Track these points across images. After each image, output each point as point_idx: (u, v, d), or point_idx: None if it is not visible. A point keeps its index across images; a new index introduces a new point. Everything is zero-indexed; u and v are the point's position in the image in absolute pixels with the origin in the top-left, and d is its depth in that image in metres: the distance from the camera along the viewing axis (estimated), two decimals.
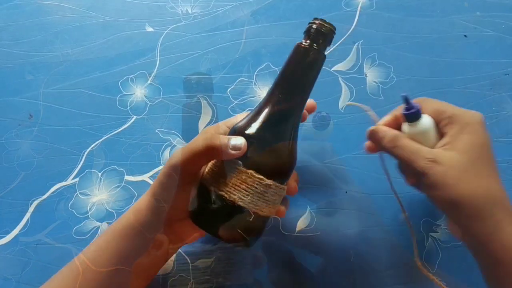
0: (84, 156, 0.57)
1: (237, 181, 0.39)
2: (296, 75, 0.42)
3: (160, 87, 0.62)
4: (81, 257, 0.42)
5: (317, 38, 0.41)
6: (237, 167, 0.39)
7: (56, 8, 0.66)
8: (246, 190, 0.39)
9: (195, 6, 0.67)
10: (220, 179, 0.39)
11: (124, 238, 0.41)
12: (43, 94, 0.61)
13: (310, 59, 0.41)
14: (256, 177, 0.39)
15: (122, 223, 0.42)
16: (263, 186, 0.40)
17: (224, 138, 0.39)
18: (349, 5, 0.67)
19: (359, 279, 0.52)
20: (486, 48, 0.64)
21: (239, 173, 0.39)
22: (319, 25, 0.41)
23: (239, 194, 0.39)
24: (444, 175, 0.37)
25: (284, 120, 0.41)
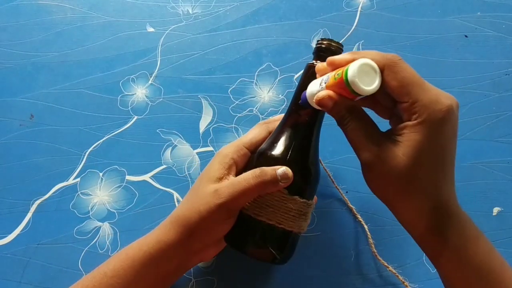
0: (86, 156, 0.58)
1: (286, 209, 0.40)
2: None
3: (161, 87, 0.62)
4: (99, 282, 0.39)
5: (323, 57, 0.42)
6: (283, 196, 0.40)
7: (56, 8, 0.66)
8: (295, 216, 0.40)
9: (196, 6, 0.67)
10: (267, 209, 0.40)
11: (144, 268, 0.39)
12: (44, 94, 0.61)
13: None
14: (301, 202, 0.41)
15: (143, 251, 0.39)
16: (307, 207, 0.42)
17: (272, 171, 0.38)
18: (349, 6, 0.67)
19: (359, 279, 0.52)
20: (486, 48, 0.64)
21: (286, 201, 0.40)
22: (328, 45, 0.43)
23: (289, 222, 0.40)
24: (383, 177, 0.32)
25: (311, 140, 0.43)
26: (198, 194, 0.40)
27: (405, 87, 0.32)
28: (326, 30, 0.65)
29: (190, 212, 0.39)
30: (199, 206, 0.39)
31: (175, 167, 0.57)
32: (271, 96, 0.61)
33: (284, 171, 0.38)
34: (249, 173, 0.39)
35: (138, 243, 0.41)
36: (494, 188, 0.56)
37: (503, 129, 0.59)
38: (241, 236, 0.41)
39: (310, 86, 0.39)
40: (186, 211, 0.40)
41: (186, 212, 0.40)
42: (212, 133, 0.59)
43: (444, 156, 0.32)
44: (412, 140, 0.31)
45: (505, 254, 0.53)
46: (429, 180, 0.32)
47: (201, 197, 0.39)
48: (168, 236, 0.39)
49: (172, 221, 0.41)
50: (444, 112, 0.31)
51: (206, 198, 0.39)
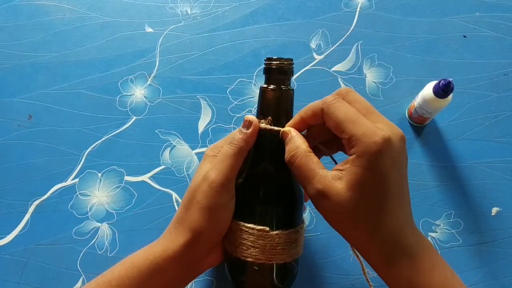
0: (84, 157, 0.57)
1: (271, 246, 0.38)
2: (273, 115, 0.40)
3: (160, 87, 0.62)
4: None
5: (276, 78, 0.40)
6: (265, 234, 0.38)
7: (55, 9, 0.66)
8: (284, 248, 0.39)
9: (195, 6, 0.67)
10: (253, 249, 0.38)
11: (150, 277, 0.38)
12: (42, 94, 0.61)
13: (277, 99, 0.40)
14: (286, 233, 0.39)
15: (149, 259, 0.38)
16: (295, 235, 0.40)
17: (238, 131, 0.39)
18: (348, 6, 0.67)
19: (358, 279, 0.52)
20: (485, 49, 0.64)
21: (270, 238, 0.38)
22: (278, 66, 0.39)
23: (278, 256, 0.39)
24: (330, 212, 0.33)
25: (284, 171, 0.40)
26: (191, 189, 0.39)
27: (340, 125, 0.33)
28: (325, 30, 0.65)
29: (189, 209, 0.39)
30: (196, 198, 0.38)
31: (174, 167, 0.57)
32: None
33: (246, 120, 0.38)
34: (224, 144, 0.40)
35: (143, 251, 0.39)
36: (493, 188, 0.56)
37: (501, 129, 0.59)
38: (237, 278, 0.41)
39: None
40: (185, 210, 0.39)
41: (186, 211, 0.39)
42: (211, 134, 0.59)
43: (384, 188, 0.31)
44: (352, 173, 0.32)
45: (503, 254, 0.53)
46: (371, 213, 0.32)
47: (194, 189, 0.39)
48: (175, 243, 0.38)
49: (176, 226, 0.39)
50: (379, 145, 0.31)
51: (199, 187, 0.38)
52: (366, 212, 0.32)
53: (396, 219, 0.32)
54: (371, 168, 0.31)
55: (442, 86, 0.50)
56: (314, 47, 0.64)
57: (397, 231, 0.32)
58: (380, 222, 0.32)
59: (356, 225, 0.32)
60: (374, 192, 0.31)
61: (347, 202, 0.32)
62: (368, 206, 0.32)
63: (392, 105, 0.60)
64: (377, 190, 0.31)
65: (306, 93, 0.61)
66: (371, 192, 0.31)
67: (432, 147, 0.58)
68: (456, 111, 0.60)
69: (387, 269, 0.33)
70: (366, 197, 0.32)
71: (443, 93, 0.51)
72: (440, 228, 0.55)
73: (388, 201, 0.32)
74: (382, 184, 0.31)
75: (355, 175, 0.31)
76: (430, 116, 0.56)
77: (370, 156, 0.31)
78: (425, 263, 0.33)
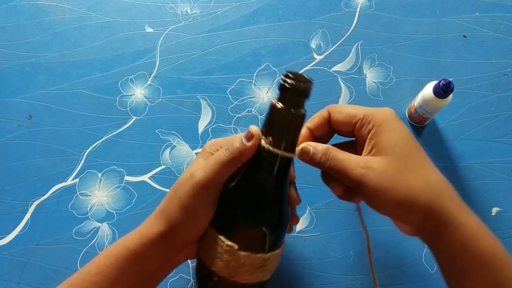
0: (84, 157, 0.57)
1: (236, 264, 0.37)
2: (276, 135, 0.37)
3: (160, 87, 0.62)
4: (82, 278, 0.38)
5: (289, 99, 0.36)
6: (232, 251, 0.37)
7: (55, 9, 0.66)
8: (248, 270, 0.37)
9: (195, 6, 0.67)
10: (217, 261, 0.37)
11: (128, 264, 0.38)
12: (42, 94, 0.61)
13: (284, 121, 0.37)
14: (256, 257, 0.37)
15: (126, 246, 0.38)
16: (264, 261, 0.38)
17: (238, 138, 0.38)
18: (348, 6, 0.67)
19: (358, 279, 0.52)
20: (485, 49, 0.64)
21: (237, 258, 0.37)
22: (294, 86, 0.35)
23: (242, 276, 0.37)
24: (380, 179, 0.35)
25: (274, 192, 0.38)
26: (178, 182, 0.39)
27: (351, 112, 0.38)
28: (325, 30, 0.65)
29: (171, 202, 0.38)
30: (179, 194, 0.38)
31: (174, 167, 0.57)
32: (270, 97, 0.61)
33: (249, 132, 0.37)
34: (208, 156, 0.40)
35: (122, 239, 0.39)
36: (493, 188, 0.57)
37: (502, 129, 0.59)
38: (200, 281, 0.40)
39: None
40: (168, 202, 0.39)
41: (168, 203, 0.39)
42: (211, 134, 0.59)
43: (412, 139, 0.37)
44: (380, 142, 0.36)
45: None
46: (412, 164, 0.36)
47: (180, 184, 0.38)
48: (151, 230, 0.39)
49: (157, 215, 0.40)
50: (391, 112, 0.37)
51: (184, 184, 0.38)
52: (412, 165, 0.35)
53: (432, 165, 0.36)
54: (395, 129, 0.36)
55: (442, 86, 0.50)
56: (314, 47, 0.64)
57: (436, 175, 0.36)
58: (427, 169, 0.36)
59: (406, 183, 0.34)
60: (409, 145, 0.36)
61: (392, 164, 0.35)
62: (411, 159, 0.35)
63: (392, 105, 0.60)
64: (410, 144, 0.36)
65: None
66: (406, 146, 0.36)
67: (432, 147, 0.58)
68: (456, 111, 0.60)
69: (435, 219, 0.34)
70: (405, 153, 0.35)
71: (443, 93, 0.51)
72: None
73: (421, 150, 0.37)
74: (410, 137, 0.36)
75: (386, 140, 0.36)
76: (430, 116, 0.56)
77: (389, 119, 0.36)
78: (476, 224, 0.35)
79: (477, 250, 0.33)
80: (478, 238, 0.34)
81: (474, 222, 0.35)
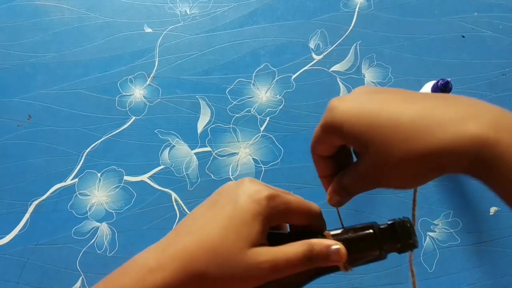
0: (84, 157, 0.58)
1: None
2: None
3: (159, 87, 0.62)
4: None
5: (393, 249, 0.31)
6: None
7: (54, 9, 0.66)
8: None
9: (194, 7, 0.67)
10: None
11: None
12: (42, 95, 0.61)
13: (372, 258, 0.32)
14: None
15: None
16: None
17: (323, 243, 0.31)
18: (347, 6, 0.67)
19: (357, 279, 0.52)
20: (483, 49, 0.64)
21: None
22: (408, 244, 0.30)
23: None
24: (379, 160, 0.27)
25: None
26: (234, 257, 0.30)
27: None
28: (324, 30, 0.65)
29: (216, 268, 0.30)
30: (232, 271, 0.30)
31: (173, 167, 0.57)
32: (268, 97, 0.61)
33: (339, 249, 0.31)
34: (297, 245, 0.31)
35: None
36: None
37: None
38: None
39: None
40: (211, 262, 0.30)
41: (210, 264, 0.30)
42: (210, 134, 0.59)
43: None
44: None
45: (502, 253, 0.53)
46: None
47: (237, 262, 0.30)
48: (164, 277, 0.29)
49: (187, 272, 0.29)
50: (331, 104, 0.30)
51: (243, 267, 0.30)
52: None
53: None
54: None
55: (441, 86, 0.51)
56: (313, 47, 0.64)
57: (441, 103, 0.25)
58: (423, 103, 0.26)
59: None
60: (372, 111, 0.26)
61: (375, 166, 0.27)
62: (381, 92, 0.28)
63: None
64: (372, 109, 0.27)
65: (305, 93, 0.61)
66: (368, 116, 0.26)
67: None
68: None
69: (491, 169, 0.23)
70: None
71: (441, 92, 0.51)
72: (438, 228, 0.55)
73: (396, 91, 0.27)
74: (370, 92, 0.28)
75: (367, 154, 0.27)
76: None
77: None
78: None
79: None
80: None
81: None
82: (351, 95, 0.29)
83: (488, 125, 0.23)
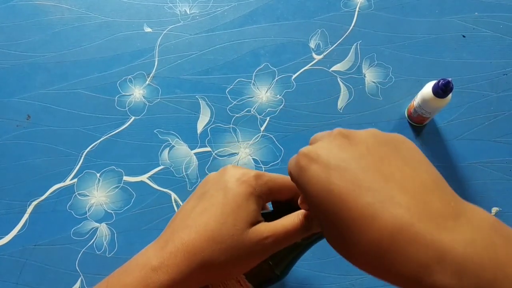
0: (83, 157, 0.57)
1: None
2: None
3: (159, 87, 0.61)
4: None
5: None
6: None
7: (53, 9, 0.66)
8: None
9: (194, 6, 0.67)
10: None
11: None
12: (41, 94, 0.61)
13: None
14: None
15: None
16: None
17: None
18: (347, 6, 0.67)
19: (357, 279, 0.52)
20: (484, 48, 0.64)
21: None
22: None
23: None
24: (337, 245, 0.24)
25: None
26: (236, 239, 0.30)
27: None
28: (324, 30, 0.65)
29: (221, 254, 0.29)
30: (237, 253, 0.29)
31: (173, 167, 0.57)
32: (269, 96, 0.61)
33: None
34: (293, 217, 0.32)
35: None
36: (492, 188, 0.56)
37: (501, 129, 0.59)
38: None
39: None
40: (215, 250, 0.29)
41: (215, 252, 0.29)
42: (210, 134, 0.59)
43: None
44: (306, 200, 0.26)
45: None
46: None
47: (240, 243, 0.30)
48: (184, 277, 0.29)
49: (191, 263, 0.29)
50: (292, 162, 0.28)
51: (247, 246, 0.30)
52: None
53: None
54: (307, 193, 0.24)
55: (441, 85, 0.50)
56: (313, 47, 0.64)
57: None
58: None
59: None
60: (325, 210, 0.23)
61: (324, 232, 0.25)
62: (327, 228, 0.23)
63: (391, 105, 0.60)
64: (326, 208, 0.23)
65: (305, 93, 0.61)
66: (325, 213, 0.23)
67: (431, 147, 0.58)
68: (455, 111, 0.60)
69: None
70: (323, 220, 0.24)
71: (442, 92, 0.51)
72: None
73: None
74: (327, 197, 0.22)
75: (310, 208, 0.26)
76: (430, 116, 0.55)
77: (296, 182, 0.26)
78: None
79: None
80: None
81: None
82: (338, 152, 0.24)
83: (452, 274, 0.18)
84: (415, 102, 0.56)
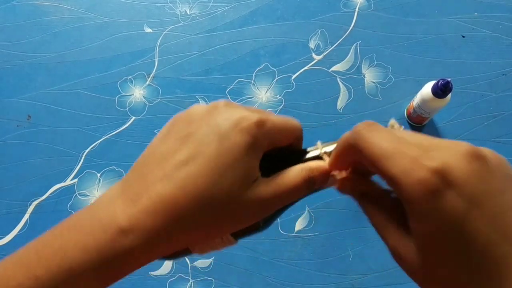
0: (83, 157, 0.57)
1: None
2: None
3: (159, 87, 0.62)
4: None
5: None
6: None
7: (54, 9, 0.66)
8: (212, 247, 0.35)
9: (194, 7, 0.67)
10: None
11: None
12: (41, 95, 0.61)
13: None
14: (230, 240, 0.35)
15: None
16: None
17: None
18: (347, 6, 0.67)
19: (357, 279, 0.52)
20: (483, 49, 0.64)
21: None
22: None
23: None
24: (410, 271, 0.22)
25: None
26: (231, 200, 0.25)
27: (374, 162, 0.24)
28: (324, 30, 0.65)
29: (211, 215, 0.24)
30: (231, 215, 0.25)
31: None
32: (269, 97, 0.61)
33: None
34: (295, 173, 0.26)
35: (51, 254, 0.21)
36: None
37: (500, 129, 0.59)
38: None
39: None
40: (203, 211, 0.24)
41: (203, 213, 0.24)
42: None
43: (461, 245, 0.20)
44: (415, 232, 0.22)
45: None
46: (449, 279, 0.21)
47: (235, 204, 0.25)
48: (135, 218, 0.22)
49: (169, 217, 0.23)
50: (427, 184, 0.19)
51: (243, 208, 0.25)
52: (443, 277, 0.21)
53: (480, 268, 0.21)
54: (430, 225, 0.20)
55: (441, 86, 0.51)
56: (313, 47, 0.64)
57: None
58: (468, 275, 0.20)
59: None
60: (450, 253, 0.20)
61: (419, 267, 0.22)
62: (445, 272, 0.21)
63: (391, 105, 0.61)
64: (452, 252, 0.20)
65: (305, 93, 0.61)
66: (447, 256, 0.21)
67: None
68: (454, 111, 0.60)
69: None
70: (440, 262, 0.21)
71: (441, 93, 0.51)
72: None
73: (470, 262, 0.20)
74: (457, 240, 0.20)
75: (418, 236, 0.22)
76: (429, 116, 0.56)
77: (419, 206, 0.20)
78: None
79: None
80: None
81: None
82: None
83: None
84: (415, 102, 0.56)
